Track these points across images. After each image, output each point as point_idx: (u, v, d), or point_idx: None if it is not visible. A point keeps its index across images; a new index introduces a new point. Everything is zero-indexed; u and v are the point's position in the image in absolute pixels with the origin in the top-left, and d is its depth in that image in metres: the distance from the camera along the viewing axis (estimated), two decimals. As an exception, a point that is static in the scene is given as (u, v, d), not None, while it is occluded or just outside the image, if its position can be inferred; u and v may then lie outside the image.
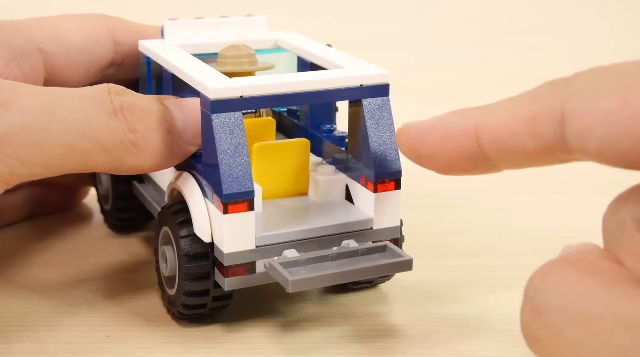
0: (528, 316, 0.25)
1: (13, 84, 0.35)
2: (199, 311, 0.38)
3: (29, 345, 0.37)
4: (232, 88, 0.35)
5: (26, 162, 0.34)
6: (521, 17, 1.15)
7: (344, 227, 0.37)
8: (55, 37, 0.44)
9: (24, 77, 0.42)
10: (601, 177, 0.39)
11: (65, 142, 0.34)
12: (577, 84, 0.25)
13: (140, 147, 0.36)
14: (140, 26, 0.47)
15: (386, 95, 0.38)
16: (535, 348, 0.25)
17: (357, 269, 0.35)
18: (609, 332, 0.22)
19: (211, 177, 0.36)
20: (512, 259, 0.46)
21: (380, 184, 0.37)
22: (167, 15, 0.51)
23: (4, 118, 0.33)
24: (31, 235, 0.48)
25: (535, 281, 0.25)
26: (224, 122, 0.35)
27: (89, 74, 0.45)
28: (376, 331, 0.38)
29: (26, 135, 0.33)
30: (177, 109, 0.38)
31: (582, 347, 0.23)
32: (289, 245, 0.36)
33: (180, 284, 0.37)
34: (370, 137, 0.37)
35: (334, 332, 0.38)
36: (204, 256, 0.36)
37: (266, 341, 0.37)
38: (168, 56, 0.40)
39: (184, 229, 0.37)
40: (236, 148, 0.35)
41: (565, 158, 0.26)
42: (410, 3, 1.21)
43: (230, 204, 0.35)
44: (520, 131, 0.26)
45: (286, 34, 0.46)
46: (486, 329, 0.39)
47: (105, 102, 0.36)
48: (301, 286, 0.34)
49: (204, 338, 0.38)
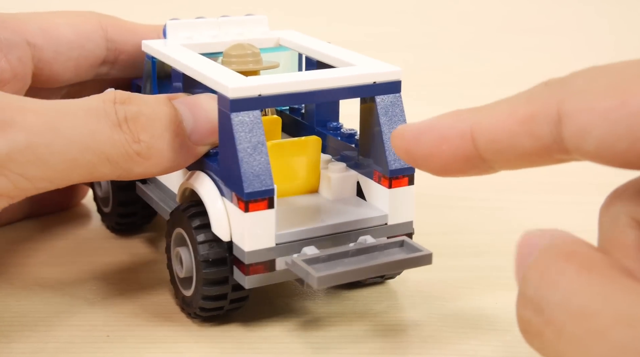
0: (529, 313, 0.25)
1: (20, 99, 0.35)
2: (215, 313, 0.38)
3: (29, 345, 0.37)
4: (251, 87, 0.35)
5: (31, 178, 0.34)
6: (521, 17, 1.15)
7: (360, 223, 0.38)
8: (45, 30, 0.44)
9: (11, 69, 0.42)
10: (601, 177, 0.39)
11: (69, 157, 0.34)
12: (574, 84, 0.25)
13: (146, 156, 0.36)
14: (133, 25, 0.47)
15: (398, 92, 0.38)
16: (536, 344, 0.25)
17: (379, 264, 0.35)
18: (608, 328, 0.22)
19: (230, 176, 0.36)
20: (512, 259, 0.45)
21: (394, 180, 0.38)
22: (162, 14, 0.51)
23: (9, 136, 0.33)
24: (31, 235, 0.48)
25: (534, 279, 0.25)
26: (243, 121, 0.35)
27: (79, 70, 0.45)
28: (376, 331, 0.38)
29: (30, 153, 0.34)
30: (186, 110, 0.38)
31: (583, 343, 0.23)
32: (307, 242, 0.37)
33: (198, 288, 0.37)
34: (384, 134, 0.38)
35: (333, 332, 0.38)
36: (222, 261, 0.37)
37: (267, 341, 0.37)
38: (178, 56, 0.40)
39: (201, 234, 0.37)
40: (255, 146, 0.35)
41: (563, 158, 0.26)
42: (410, 3, 1.21)
43: (251, 203, 0.35)
44: (517, 132, 0.26)
45: (287, 32, 0.46)
46: (486, 329, 0.39)
47: (110, 114, 0.36)
48: (327, 282, 0.34)
49: (203, 338, 0.38)
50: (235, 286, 0.37)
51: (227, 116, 0.35)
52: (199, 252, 0.37)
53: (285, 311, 0.40)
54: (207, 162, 0.38)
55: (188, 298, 0.38)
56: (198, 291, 0.37)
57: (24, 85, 0.43)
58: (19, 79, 0.43)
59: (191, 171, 0.39)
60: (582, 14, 1.17)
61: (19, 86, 0.43)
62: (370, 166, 0.39)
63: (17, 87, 0.43)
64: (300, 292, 0.41)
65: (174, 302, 0.41)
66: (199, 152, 0.38)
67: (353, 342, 0.37)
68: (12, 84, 0.42)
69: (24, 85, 0.43)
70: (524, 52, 0.95)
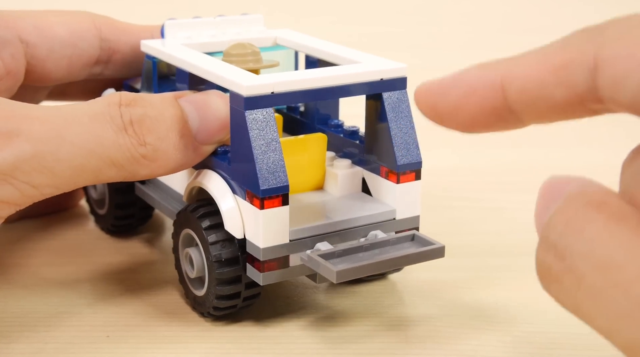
0: (550, 259, 0.24)
1: (24, 106, 0.35)
2: (229, 311, 0.38)
3: (29, 345, 0.37)
4: (264, 85, 0.36)
5: (37, 185, 0.34)
6: (521, 17, 1.15)
7: (370, 218, 0.38)
8: (38, 28, 0.44)
9: (3, 65, 0.42)
10: (601, 178, 0.39)
11: (75, 164, 0.35)
12: (612, 31, 0.24)
13: (152, 158, 0.36)
14: (127, 25, 0.47)
15: (404, 88, 0.39)
16: (553, 290, 0.24)
17: (394, 258, 0.36)
18: (631, 282, 0.22)
19: (244, 173, 0.36)
20: (512, 259, 0.46)
21: (402, 175, 0.38)
22: (157, 14, 0.51)
23: (15, 146, 0.34)
24: (31, 235, 0.48)
25: (559, 225, 0.24)
26: (257, 118, 0.35)
27: (72, 68, 0.45)
28: (376, 331, 0.38)
29: (36, 161, 0.34)
30: (192, 109, 0.38)
31: (602, 295, 0.22)
32: (319, 238, 0.37)
33: (212, 288, 0.37)
34: (392, 129, 0.38)
35: (333, 332, 0.38)
36: (235, 260, 0.37)
37: (267, 341, 0.38)
38: (184, 56, 0.40)
39: (212, 235, 0.37)
40: (269, 144, 0.35)
41: (596, 109, 0.25)
42: (410, 3, 1.21)
43: (267, 200, 0.35)
44: (550, 81, 0.25)
45: (284, 31, 0.46)
46: (486, 329, 0.39)
47: (115, 117, 0.36)
48: (345, 276, 0.35)
49: (203, 338, 0.38)
50: (248, 283, 0.37)
51: (241, 114, 0.35)
52: (211, 252, 0.37)
53: (285, 311, 0.40)
54: (216, 161, 0.38)
55: (200, 298, 0.38)
56: (211, 291, 0.37)
57: (17, 83, 0.43)
58: (12, 76, 0.43)
59: (198, 170, 0.39)
60: (582, 14, 1.17)
61: (11, 83, 0.43)
62: (376, 162, 0.39)
63: (10, 84, 0.43)
64: (301, 293, 0.41)
65: (174, 302, 0.41)
66: (205, 151, 0.38)
67: (353, 342, 0.37)
68: (4, 81, 0.42)
69: (17, 83, 0.43)
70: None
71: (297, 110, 0.45)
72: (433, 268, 0.44)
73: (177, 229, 0.40)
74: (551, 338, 0.38)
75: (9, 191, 0.34)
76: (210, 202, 0.38)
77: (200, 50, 0.42)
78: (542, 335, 0.38)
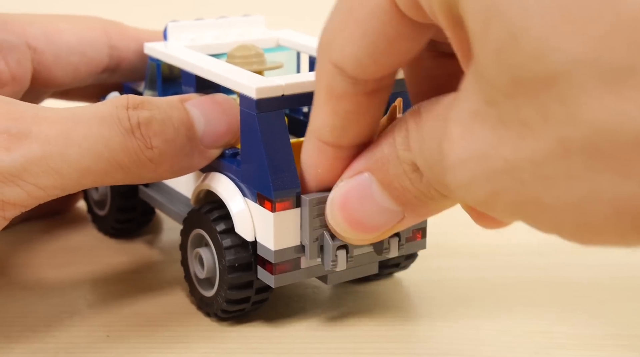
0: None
1: (33, 108, 0.35)
2: (237, 314, 0.39)
3: (29, 345, 0.37)
4: (275, 87, 0.35)
5: (44, 187, 0.34)
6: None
7: None
8: (47, 34, 0.44)
9: (9, 71, 0.42)
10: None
11: (82, 166, 0.35)
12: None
13: (158, 162, 0.36)
14: (136, 31, 0.47)
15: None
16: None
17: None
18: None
19: (254, 176, 0.36)
20: (512, 259, 0.46)
21: None
22: (156, 14, 0.51)
23: (24, 147, 0.34)
24: (31, 236, 0.48)
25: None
26: (268, 121, 0.35)
27: (79, 75, 0.45)
28: (376, 331, 0.38)
29: (44, 163, 0.34)
30: (198, 113, 0.37)
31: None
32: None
33: (222, 291, 0.37)
34: None
35: (332, 332, 0.38)
36: (248, 266, 0.37)
37: (268, 341, 0.38)
38: (190, 58, 0.40)
39: (227, 239, 0.37)
40: (281, 146, 0.35)
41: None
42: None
43: (278, 202, 0.35)
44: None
45: (285, 32, 0.46)
46: (486, 329, 0.39)
47: (123, 120, 0.36)
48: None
49: (202, 338, 0.38)
50: (258, 289, 0.37)
51: (252, 117, 0.35)
52: (226, 257, 0.37)
53: (285, 310, 0.40)
54: (224, 163, 0.38)
55: (208, 299, 0.38)
56: (221, 294, 0.37)
57: (22, 88, 0.43)
58: (17, 82, 0.43)
59: (206, 173, 0.39)
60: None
61: (17, 89, 0.43)
62: None
63: (15, 89, 0.43)
64: (302, 292, 0.42)
65: (174, 302, 0.41)
66: (212, 155, 0.38)
67: (351, 342, 0.37)
68: (10, 87, 0.42)
69: (22, 88, 0.43)
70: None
71: (300, 112, 0.45)
72: (433, 268, 0.44)
73: (187, 227, 0.40)
74: (551, 338, 0.38)
75: (16, 193, 0.34)
76: (221, 205, 0.38)
77: (204, 52, 0.42)
78: (543, 335, 0.38)
